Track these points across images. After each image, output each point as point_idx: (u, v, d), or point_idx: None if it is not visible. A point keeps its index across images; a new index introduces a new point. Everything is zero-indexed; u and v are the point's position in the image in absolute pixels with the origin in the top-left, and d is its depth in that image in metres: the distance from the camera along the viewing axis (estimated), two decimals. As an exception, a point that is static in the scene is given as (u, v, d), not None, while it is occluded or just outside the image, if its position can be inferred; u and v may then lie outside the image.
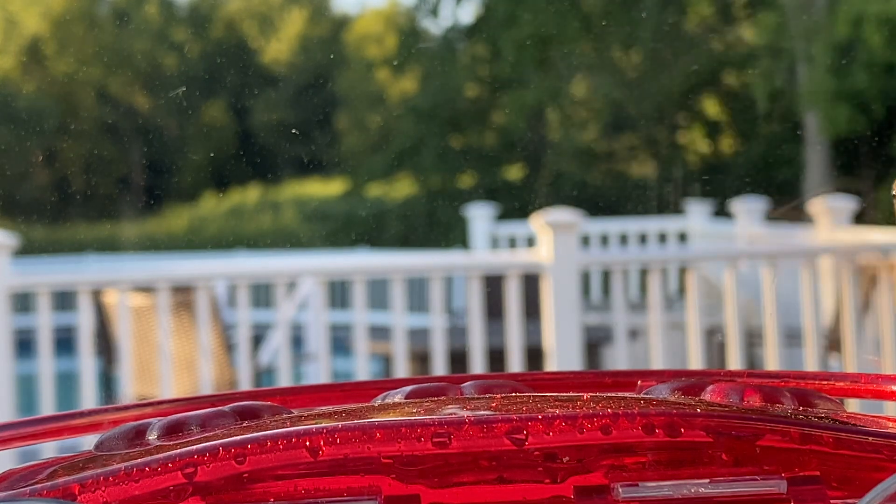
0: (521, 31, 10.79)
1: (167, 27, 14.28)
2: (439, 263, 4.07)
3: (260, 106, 14.18)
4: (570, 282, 3.73)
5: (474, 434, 0.61)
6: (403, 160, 12.33)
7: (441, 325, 3.79)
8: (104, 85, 13.51)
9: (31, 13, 13.74)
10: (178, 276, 3.89)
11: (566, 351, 3.68)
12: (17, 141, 11.10)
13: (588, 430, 0.61)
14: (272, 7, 15.02)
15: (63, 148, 12.79)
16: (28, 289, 3.64)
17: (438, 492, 0.62)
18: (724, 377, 0.85)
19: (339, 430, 0.61)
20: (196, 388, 3.98)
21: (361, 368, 3.72)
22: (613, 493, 0.62)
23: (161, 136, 13.36)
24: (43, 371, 3.59)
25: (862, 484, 0.62)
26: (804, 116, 9.89)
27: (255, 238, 12.69)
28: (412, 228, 11.74)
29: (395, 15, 14.47)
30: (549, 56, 11.22)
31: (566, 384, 0.89)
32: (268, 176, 13.76)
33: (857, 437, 0.64)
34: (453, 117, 12.15)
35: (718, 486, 0.62)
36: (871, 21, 8.30)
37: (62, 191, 12.55)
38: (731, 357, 3.73)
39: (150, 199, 13.25)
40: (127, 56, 13.63)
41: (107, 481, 0.59)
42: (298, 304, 5.22)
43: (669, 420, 0.62)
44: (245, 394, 0.85)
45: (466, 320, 3.84)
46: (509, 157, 12.47)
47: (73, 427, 0.80)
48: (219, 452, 0.60)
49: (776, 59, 9.93)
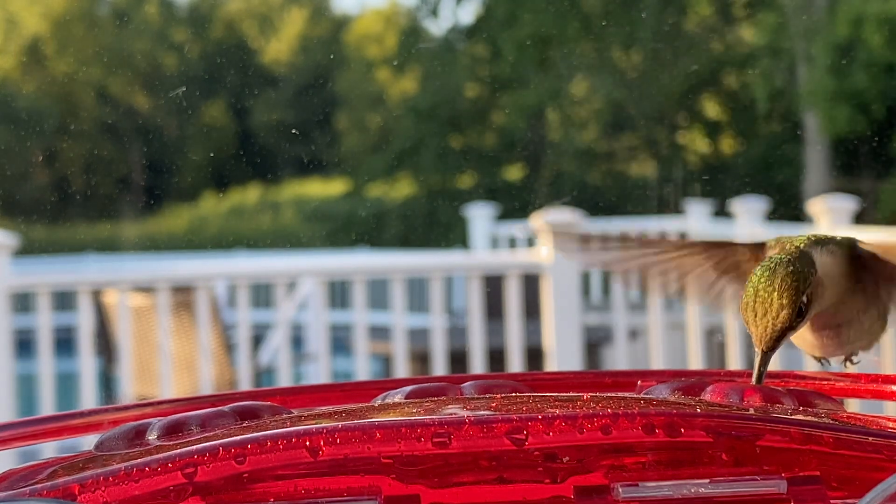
0: (521, 31, 10.79)
1: (167, 27, 14.28)
2: (439, 263, 4.07)
3: (260, 106, 14.18)
4: (570, 282, 3.73)
5: (474, 434, 0.61)
6: (403, 160, 12.33)
7: (441, 326, 3.79)
8: (104, 85, 13.51)
9: (31, 13, 13.74)
10: (178, 276, 3.89)
11: (566, 351, 3.68)
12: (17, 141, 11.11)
13: (588, 430, 0.61)
14: (272, 7, 15.02)
15: (63, 148, 12.79)
16: (28, 289, 3.63)
17: (438, 492, 0.62)
18: (724, 377, 0.85)
19: (339, 430, 0.61)
20: (196, 388, 3.98)
21: (361, 368, 3.72)
22: (613, 493, 0.62)
23: (161, 136, 13.36)
24: (43, 371, 3.59)
25: (862, 484, 0.62)
26: (804, 116, 9.90)
27: (255, 238, 12.69)
28: (412, 228, 11.74)
29: (395, 15, 14.47)
30: (549, 56, 11.22)
31: (566, 384, 0.89)
32: (268, 176, 13.76)
33: (857, 437, 0.64)
34: (453, 117, 12.15)
35: (718, 486, 0.62)
36: (871, 21, 8.30)
37: (62, 191, 12.55)
38: (731, 357, 3.73)
39: (150, 198, 13.25)
40: (127, 56, 13.63)
41: (107, 481, 0.59)
42: (298, 304, 5.22)
43: (669, 420, 0.62)
44: (245, 394, 0.85)
45: (466, 320, 3.84)
46: (509, 157, 12.47)
47: (73, 427, 0.80)
48: (219, 452, 0.60)
49: (776, 59, 9.93)
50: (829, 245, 0.81)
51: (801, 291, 0.77)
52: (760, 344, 0.77)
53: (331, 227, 11.76)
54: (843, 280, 0.82)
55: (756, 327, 0.77)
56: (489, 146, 12.53)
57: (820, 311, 0.80)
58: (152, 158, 13.71)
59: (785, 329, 0.77)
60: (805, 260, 0.79)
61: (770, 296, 0.77)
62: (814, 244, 0.81)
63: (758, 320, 0.77)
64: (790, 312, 0.77)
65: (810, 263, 0.79)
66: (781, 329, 0.77)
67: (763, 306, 0.77)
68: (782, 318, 0.77)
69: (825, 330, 0.84)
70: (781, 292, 0.77)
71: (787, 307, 0.77)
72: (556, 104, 12.00)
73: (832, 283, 0.81)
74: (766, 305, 0.77)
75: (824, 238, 0.82)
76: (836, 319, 0.83)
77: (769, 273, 0.77)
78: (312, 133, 13.82)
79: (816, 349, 0.86)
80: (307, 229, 12.48)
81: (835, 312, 0.82)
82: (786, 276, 0.77)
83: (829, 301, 0.81)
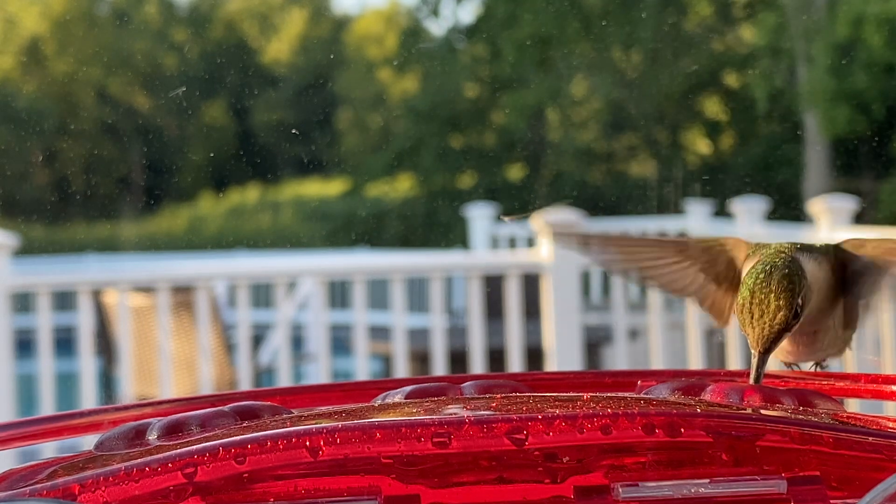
0: (521, 31, 10.79)
1: (167, 27, 14.28)
2: (439, 263, 4.07)
3: (260, 106, 14.18)
4: (570, 282, 3.73)
5: (474, 434, 0.61)
6: (403, 160, 12.32)
7: (441, 325, 3.79)
8: (104, 85, 13.51)
9: (31, 13, 13.74)
10: (178, 276, 3.89)
11: (566, 351, 3.68)
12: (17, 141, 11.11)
13: (588, 430, 0.61)
14: (272, 7, 15.02)
15: (63, 148, 12.79)
16: (28, 289, 3.63)
17: (438, 492, 0.62)
18: (724, 377, 0.85)
19: (339, 430, 0.61)
20: (196, 388, 3.98)
21: (361, 368, 3.72)
22: (613, 493, 0.62)
23: (161, 136, 13.36)
24: (43, 371, 3.59)
25: (862, 484, 0.62)
26: (804, 116, 9.89)
27: (254, 238, 12.68)
28: (412, 228, 11.74)
29: (396, 15, 14.47)
30: (549, 56, 11.22)
31: (566, 384, 0.89)
32: (267, 176, 13.75)
33: (857, 437, 0.64)
34: (453, 117, 12.15)
35: (718, 486, 0.62)
36: (871, 21, 8.29)
37: (62, 191, 12.55)
38: (731, 357, 3.73)
39: (150, 198, 13.25)
40: (127, 56, 13.63)
41: (107, 481, 0.59)
42: (298, 304, 5.22)
43: (669, 420, 0.62)
44: (245, 394, 0.85)
45: (466, 320, 3.84)
46: (509, 157, 12.47)
47: (73, 427, 0.80)
48: (219, 452, 0.60)
49: (776, 59, 9.93)
50: (812, 252, 0.82)
51: (796, 294, 0.78)
52: (757, 345, 0.78)
53: (330, 227, 11.76)
54: (825, 287, 0.82)
55: (753, 329, 0.77)
56: (489, 146, 12.53)
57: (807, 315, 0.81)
58: (152, 158, 13.71)
59: (782, 330, 0.78)
60: (796, 264, 0.79)
61: (767, 297, 0.77)
62: (799, 250, 0.81)
63: (755, 322, 0.77)
64: (787, 314, 0.77)
65: (801, 268, 0.79)
66: (778, 330, 0.78)
67: (760, 308, 0.77)
68: (779, 320, 0.77)
69: (801, 336, 0.85)
70: (778, 294, 0.77)
71: (784, 308, 0.77)
72: (556, 104, 12.00)
73: (816, 289, 0.81)
74: (763, 307, 0.77)
75: (806, 245, 0.82)
76: (813, 326, 0.84)
77: (765, 276, 0.78)
78: (312, 133, 13.82)
79: (789, 354, 0.87)
80: (307, 229, 12.47)
81: (813, 319, 0.83)
82: (782, 279, 0.78)
83: (812, 307, 0.81)
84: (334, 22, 15.11)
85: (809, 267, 0.81)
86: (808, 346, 0.86)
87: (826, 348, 0.86)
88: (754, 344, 0.78)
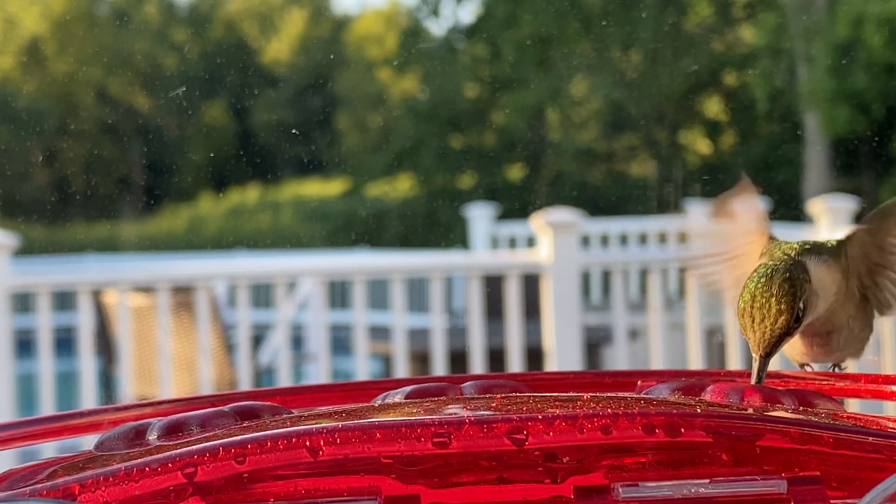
0: (521, 31, 10.79)
1: (167, 27, 14.28)
2: (439, 263, 4.07)
3: (260, 106, 14.18)
4: (570, 282, 3.73)
5: (474, 434, 0.61)
6: (403, 160, 12.32)
7: (441, 326, 3.79)
8: (104, 85, 13.51)
9: (31, 13, 13.74)
10: (177, 276, 3.89)
11: (566, 351, 3.68)
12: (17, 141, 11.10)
13: (588, 430, 0.61)
14: (272, 7, 15.01)
15: (63, 148, 12.79)
16: (28, 289, 3.63)
17: (438, 492, 0.62)
18: (724, 377, 0.85)
19: (339, 430, 0.61)
20: (196, 388, 3.98)
21: (361, 368, 3.72)
22: (613, 493, 0.62)
23: (161, 136, 13.36)
24: (43, 371, 3.59)
25: (862, 484, 0.62)
26: (804, 116, 9.89)
27: (254, 238, 12.68)
28: (412, 228, 11.74)
29: (396, 15, 14.47)
30: (549, 56, 11.22)
31: (566, 384, 0.89)
32: (267, 176, 13.75)
33: (857, 437, 0.64)
34: (453, 117, 12.15)
35: (718, 486, 0.62)
36: (871, 21, 8.30)
37: (62, 191, 12.55)
38: (731, 357, 3.73)
39: (150, 198, 13.24)
40: (127, 56, 13.63)
41: (107, 481, 0.59)
42: (298, 304, 5.22)
43: (669, 420, 0.62)
44: (245, 394, 0.85)
45: (466, 320, 3.84)
46: (509, 157, 12.47)
47: (73, 427, 0.80)
48: (219, 452, 0.60)
49: (776, 59, 9.93)
50: (820, 253, 0.82)
51: (798, 297, 0.78)
52: (759, 349, 0.78)
53: (330, 227, 11.76)
54: (834, 287, 0.82)
55: (754, 332, 0.77)
56: (489, 146, 12.53)
57: (813, 318, 0.81)
58: (152, 158, 13.71)
59: (783, 334, 0.78)
60: (799, 267, 0.79)
61: (768, 301, 0.77)
62: (805, 252, 0.81)
63: (756, 325, 0.77)
64: (788, 318, 0.77)
65: (804, 271, 0.79)
66: (780, 334, 0.77)
67: (761, 312, 0.77)
68: (781, 324, 0.77)
69: (815, 337, 0.85)
70: (780, 298, 0.77)
71: (786, 312, 0.77)
72: (556, 104, 12.00)
73: (824, 290, 0.81)
74: (765, 311, 0.77)
75: (815, 245, 0.82)
76: (827, 327, 0.84)
77: (766, 279, 0.78)
78: (312, 133, 13.82)
79: (805, 356, 0.87)
80: (307, 229, 12.47)
81: (825, 320, 0.83)
82: (783, 282, 0.78)
83: (821, 309, 0.81)
84: (334, 22, 15.11)
85: (816, 269, 0.81)
86: (823, 346, 0.85)
87: (843, 349, 0.86)
88: (755, 348, 0.78)
